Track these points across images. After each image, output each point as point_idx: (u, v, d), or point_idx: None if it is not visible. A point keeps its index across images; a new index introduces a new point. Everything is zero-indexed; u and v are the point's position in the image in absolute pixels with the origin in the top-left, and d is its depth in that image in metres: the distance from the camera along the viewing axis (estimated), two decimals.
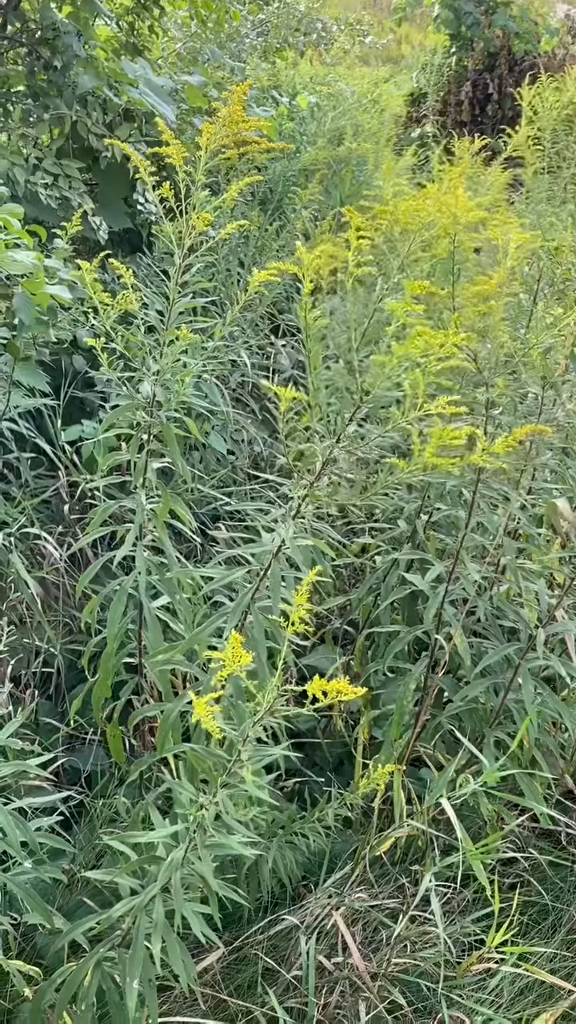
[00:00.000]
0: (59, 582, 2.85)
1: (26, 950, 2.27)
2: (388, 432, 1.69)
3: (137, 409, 1.94)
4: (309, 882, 2.49)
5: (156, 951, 1.69)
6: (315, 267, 1.68)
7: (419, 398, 1.62)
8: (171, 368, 1.87)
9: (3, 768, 1.89)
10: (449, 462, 1.66)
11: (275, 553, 1.82)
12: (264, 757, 1.65)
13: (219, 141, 1.70)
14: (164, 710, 2.04)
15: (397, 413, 1.68)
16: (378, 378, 1.68)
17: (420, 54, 11.09)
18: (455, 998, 2.00)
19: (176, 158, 1.71)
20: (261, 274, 1.77)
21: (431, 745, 2.44)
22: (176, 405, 1.90)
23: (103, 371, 1.92)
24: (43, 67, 3.63)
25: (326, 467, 1.75)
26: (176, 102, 4.02)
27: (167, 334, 1.86)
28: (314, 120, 5.29)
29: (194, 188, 1.72)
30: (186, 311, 1.88)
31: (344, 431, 1.72)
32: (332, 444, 1.75)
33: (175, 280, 1.80)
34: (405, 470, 1.68)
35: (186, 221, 1.73)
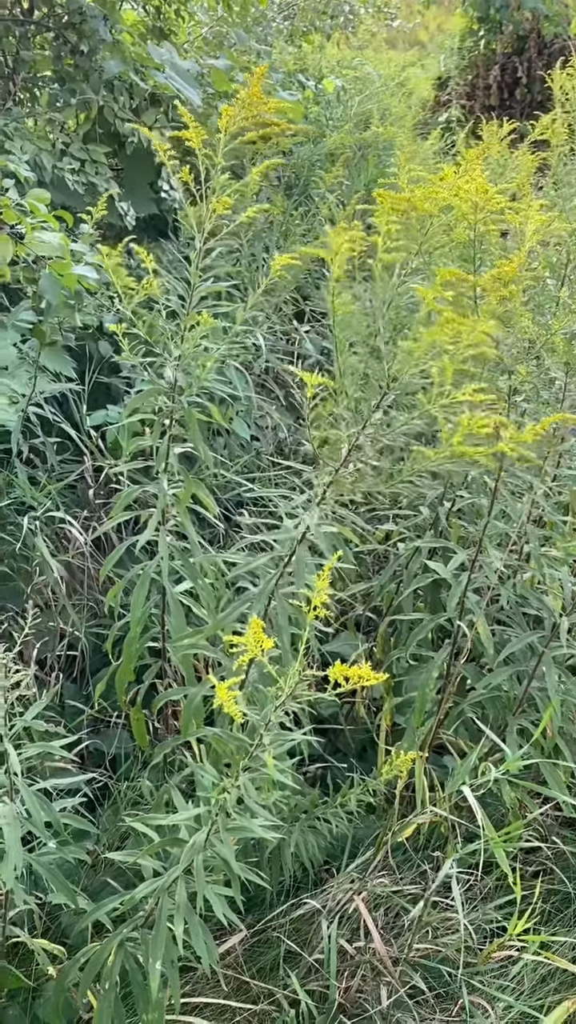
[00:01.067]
0: (84, 566, 2.87)
1: (51, 929, 2.30)
2: (415, 419, 1.68)
3: (159, 395, 1.94)
4: (331, 866, 2.50)
5: (179, 933, 1.71)
6: (345, 252, 1.67)
7: (446, 385, 1.61)
8: (192, 353, 1.87)
9: (28, 749, 1.91)
10: (477, 451, 1.65)
11: (299, 540, 1.82)
12: (286, 742, 1.66)
13: (239, 123, 1.68)
14: (187, 694, 2.05)
15: (424, 400, 1.67)
16: (405, 365, 1.67)
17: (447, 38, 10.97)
18: (476, 984, 2.01)
19: (195, 141, 1.70)
20: (283, 258, 1.76)
21: (453, 732, 2.43)
22: (197, 390, 1.89)
23: (124, 356, 1.93)
24: (70, 52, 3.63)
25: (352, 454, 1.75)
26: (202, 86, 4.01)
27: (188, 319, 1.86)
28: (340, 104, 5.25)
29: (214, 171, 1.72)
30: (208, 296, 1.88)
31: (371, 418, 1.71)
32: (358, 431, 1.75)
33: (196, 265, 1.79)
34: (432, 458, 1.67)
35: (206, 205, 1.73)
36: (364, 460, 1.73)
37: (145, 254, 1.84)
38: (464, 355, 1.65)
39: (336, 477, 1.77)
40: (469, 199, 1.73)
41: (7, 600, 2.81)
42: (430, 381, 1.68)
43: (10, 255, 2.37)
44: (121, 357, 1.96)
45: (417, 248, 1.77)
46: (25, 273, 2.59)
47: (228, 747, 1.71)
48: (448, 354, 1.66)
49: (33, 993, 2.16)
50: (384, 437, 1.71)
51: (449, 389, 1.63)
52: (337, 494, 1.78)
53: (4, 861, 1.81)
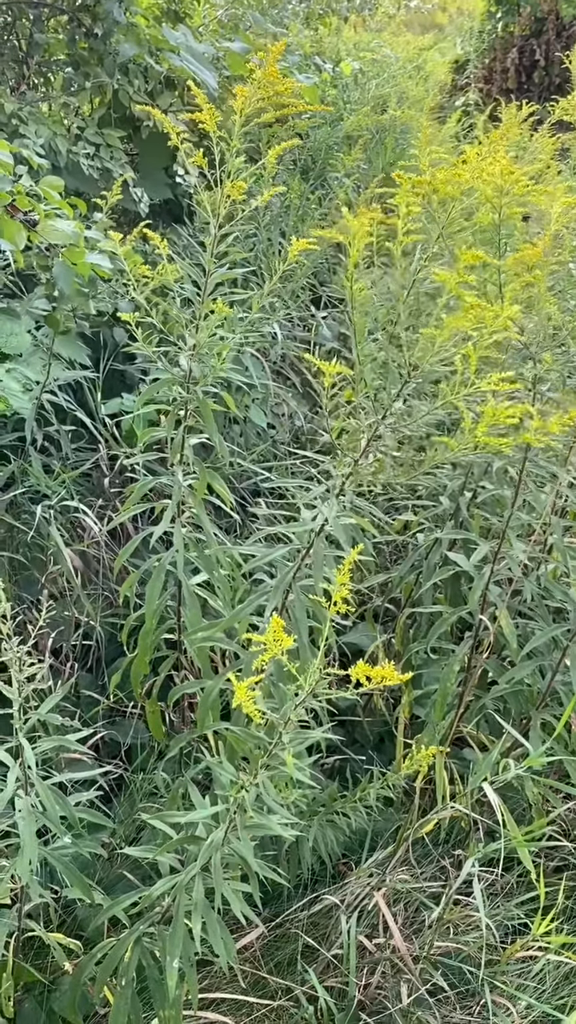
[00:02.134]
0: (99, 555, 2.84)
1: (66, 923, 2.28)
2: (437, 409, 1.63)
3: (173, 384, 1.90)
4: (349, 860, 2.47)
5: (196, 929, 1.68)
6: (363, 235, 1.62)
7: (470, 374, 1.56)
8: (207, 342, 1.82)
9: (44, 743, 1.88)
10: (502, 441, 1.60)
11: (318, 532, 1.78)
12: (306, 739, 1.63)
13: (255, 105, 1.64)
14: (204, 688, 2.02)
15: (446, 389, 1.62)
16: (427, 352, 1.62)
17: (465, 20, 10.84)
18: (497, 983, 1.98)
19: (209, 124, 1.66)
20: (300, 243, 1.71)
21: (474, 725, 2.40)
22: (213, 380, 1.85)
23: (138, 346, 1.89)
24: (84, 35, 3.58)
25: (371, 444, 1.70)
26: (218, 69, 3.95)
27: (203, 307, 1.81)
28: (358, 87, 5.18)
29: (229, 155, 1.67)
30: (224, 283, 1.84)
31: (391, 407, 1.67)
32: (378, 420, 1.70)
33: (210, 251, 1.75)
34: (455, 449, 1.62)
35: (221, 189, 1.68)
36: (384, 451, 1.68)
37: (159, 240, 1.80)
38: (487, 342, 1.60)
39: (355, 468, 1.73)
40: (493, 181, 1.68)
41: (22, 589, 2.79)
42: (451, 369, 1.63)
43: (23, 242, 2.33)
44: (134, 347, 1.92)
45: (439, 232, 1.72)
46: (39, 260, 2.55)
47: (247, 745, 1.68)
48: (471, 341, 1.62)
49: (49, 987, 2.15)
50: (405, 427, 1.66)
51: (473, 378, 1.58)
52: (356, 485, 1.73)
53: (19, 855, 1.79)
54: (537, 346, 2.01)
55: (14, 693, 1.79)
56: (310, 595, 1.84)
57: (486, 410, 1.60)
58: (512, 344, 2.07)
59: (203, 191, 1.72)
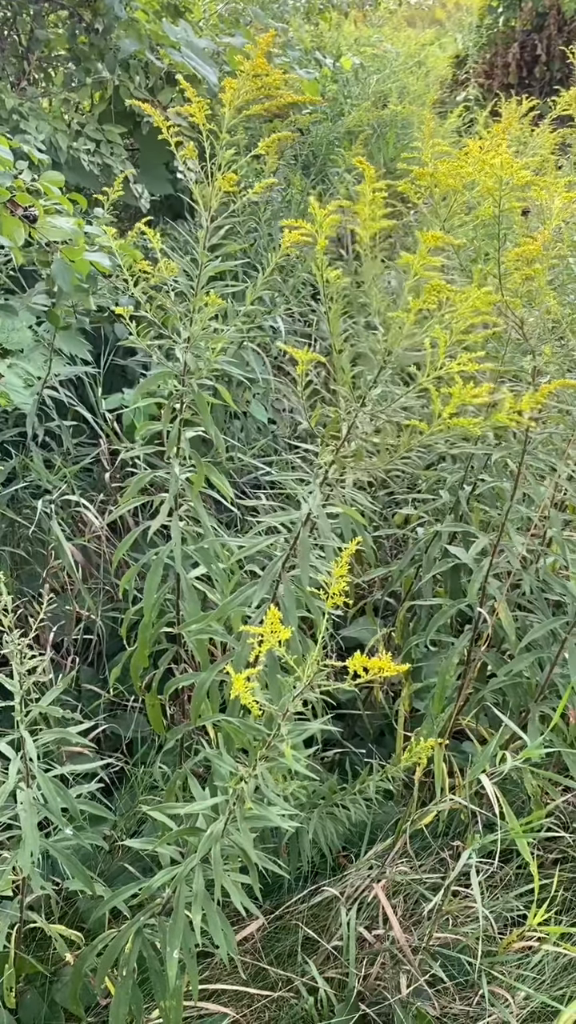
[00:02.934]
0: (100, 549, 2.85)
1: (68, 914, 2.29)
2: (410, 393, 1.64)
3: (169, 378, 1.90)
4: (349, 852, 2.48)
5: (196, 921, 1.69)
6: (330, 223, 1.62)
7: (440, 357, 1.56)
8: (201, 335, 1.83)
9: (45, 735, 1.89)
10: (471, 422, 1.61)
11: (304, 522, 1.78)
12: (304, 731, 1.63)
13: (244, 97, 1.64)
14: (198, 680, 2.03)
15: (418, 373, 1.62)
16: (397, 336, 1.62)
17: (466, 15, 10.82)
18: (495, 974, 1.98)
19: (198, 116, 1.66)
20: (292, 235, 1.71)
21: (472, 717, 2.40)
22: (209, 372, 1.86)
23: (133, 340, 1.89)
24: (84, 30, 3.59)
25: (352, 432, 1.71)
26: (219, 64, 3.95)
27: (196, 300, 1.82)
28: (358, 82, 5.18)
29: (219, 147, 1.67)
30: (219, 276, 1.84)
31: (368, 394, 1.67)
32: (356, 408, 1.70)
33: (203, 244, 1.75)
34: (427, 432, 1.62)
35: (212, 182, 1.68)
36: (364, 438, 1.69)
37: (154, 235, 1.80)
38: (461, 327, 1.60)
39: (337, 456, 1.73)
40: (494, 173, 1.68)
41: (24, 584, 2.80)
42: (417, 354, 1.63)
43: (23, 239, 2.34)
44: (130, 341, 1.92)
45: (440, 225, 1.72)
46: (39, 256, 2.56)
47: (245, 737, 1.69)
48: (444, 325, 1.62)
49: (50, 978, 2.16)
50: (382, 413, 1.66)
51: (442, 361, 1.58)
52: (341, 474, 1.73)
53: (21, 847, 1.80)
54: (537, 339, 2.02)
55: (15, 686, 1.80)
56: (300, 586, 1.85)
57: (453, 391, 1.60)
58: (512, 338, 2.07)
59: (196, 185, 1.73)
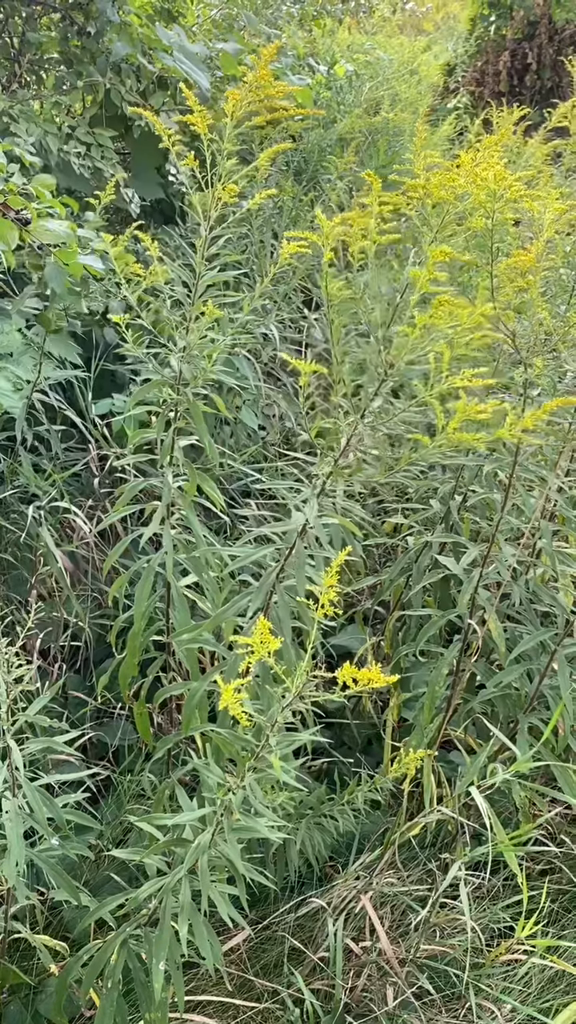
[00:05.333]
0: (88, 556, 2.84)
1: (52, 924, 2.28)
2: (412, 406, 1.63)
3: (163, 386, 1.89)
4: (336, 863, 2.47)
5: (183, 932, 1.68)
6: (335, 235, 1.62)
7: (443, 371, 1.56)
8: (198, 344, 1.82)
9: (31, 745, 1.88)
10: (474, 437, 1.60)
11: (300, 532, 1.77)
12: (293, 742, 1.63)
13: (246, 107, 1.63)
14: (189, 689, 2.02)
15: (421, 387, 1.62)
16: (401, 350, 1.62)
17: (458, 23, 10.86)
18: (483, 987, 1.98)
19: (200, 126, 1.65)
20: (291, 246, 1.71)
21: (462, 729, 2.40)
22: (203, 382, 1.85)
23: (128, 348, 1.88)
24: (76, 33, 3.58)
25: (351, 444, 1.70)
26: (211, 70, 3.95)
27: (193, 309, 1.81)
28: (352, 89, 5.18)
29: (220, 157, 1.67)
30: (215, 284, 1.83)
31: (369, 406, 1.67)
32: (357, 419, 1.70)
33: (201, 253, 1.74)
34: (430, 446, 1.62)
35: (212, 192, 1.68)
36: (364, 450, 1.68)
37: (150, 242, 1.80)
38: (464, 340, 1.60)
39: (335, 468, 1.73)
40: (487, 186, 1.68)
41: (11, 589, 2.78)
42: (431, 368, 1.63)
43: (15, 242, 2.32)
44: (125, 348, 1.91)
45: (432, 237, 1.72)
46: (31, 259, 2.54)
47: (234, 747, 1.68)
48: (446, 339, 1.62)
49: (34, 989, 2.14)
50: (383, 426, 1.66)
51: (446, 375, 1.58)
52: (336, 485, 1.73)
53: (7, 857, 1.79)
54: (528, 351, 2.02)
55: (1, 695, 1.78)
56: (294, 596, 1.84)
57: (458, 406, 1.60)
58: (503, 349, 2.07)
59: (194, 193, 1.72)
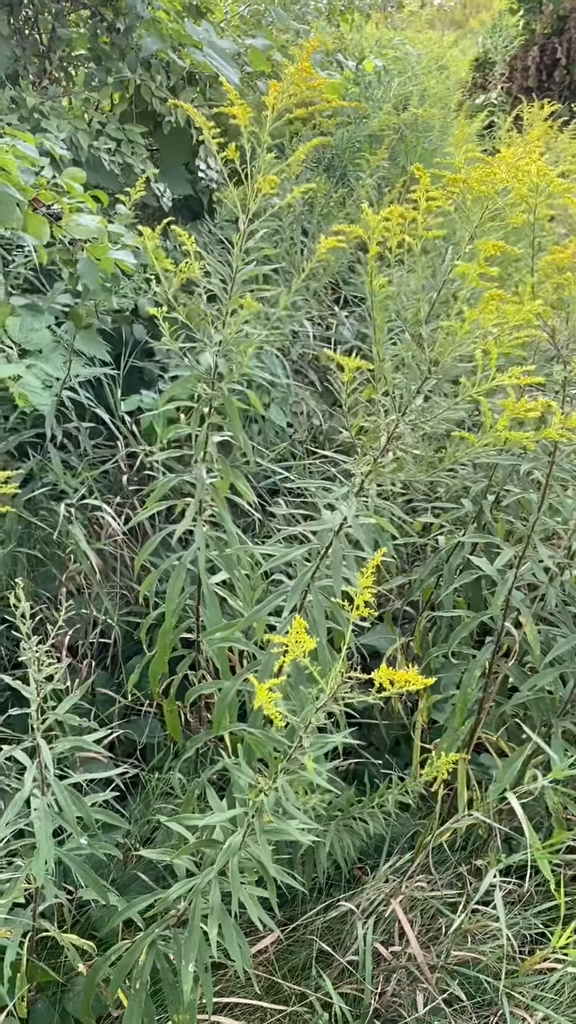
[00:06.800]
0: (116, 553, 2.83)
1: (79, 923, 2.27)
2: (458, 404, 1.60)
3: (198, 381, 1.87)
4: (365, 865, 2.45)
5: (212, 934, 1.66)
6: (381, 230, 1.59)
7: (491, 368, 1.53)
8: (233, 339, 1.80)
9: (61, 743, 1.87)
10: (523, 436, 1.57)
11: (336, 531, 1.75)
12: (326, 743, 1.60)
13: (286, 101, 1.61)
14: (222, 688, 2.00)
15: (467, 383, 1.59)
16: (447, 347, 1.59)
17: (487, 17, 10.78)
18: (514, 994, 1.95)
19: (241, 118, 1.63)
20: (328, 240, 1.69)
21: (494, 732, 2.37)
22: (238, 377, 1.83)
23: (164, 341, 1.86)
24: (106, 29, 3.57)
25: (391, 442, 1.68)
26: (239, 65, 3.93)
27: (230, 303, 1.79)
28: (381, 85, 5.15)
29: (260, 150, 1.65)
30: (249, 279, 1.81)
31: (411, 404, 1.64)
32: (398, 417, 1.67)
33: (239, 246, 1.72)
34: (476, 445, 1.59)
35: (251, 184, 1.66)
36: (405, 448, 1.65)
37: (186, 236, 1.78)
38: (509, 338, 1.57)
39: (375, 466, 1.70)
40: (529, 180, 1.65)
41: (39, 586, 2.78)
42: (472, 367, 1.60)
43: (47, 237, 2.31)
44: (160, 342, 1.90)
45: (471, 232, 1.69)
46: (61, 255, 2.53)
47: (266, 748, 1.66)
48: (492, 336, 1.59)
49: (62, 988, 2.13)
50: (426, 424, 1.63)
51: (494, 373, 1.55)
52: (376, 484, 1.70)
53: (35, 856, 1.78)
54: (567, 348, 1.98)
55: (32, 693, 1.77)
56: (329, 596, 1.82)
57: (507, 404, 1.57)
58: (540, 346, 2.04)
59: (232, 187, 1.70)
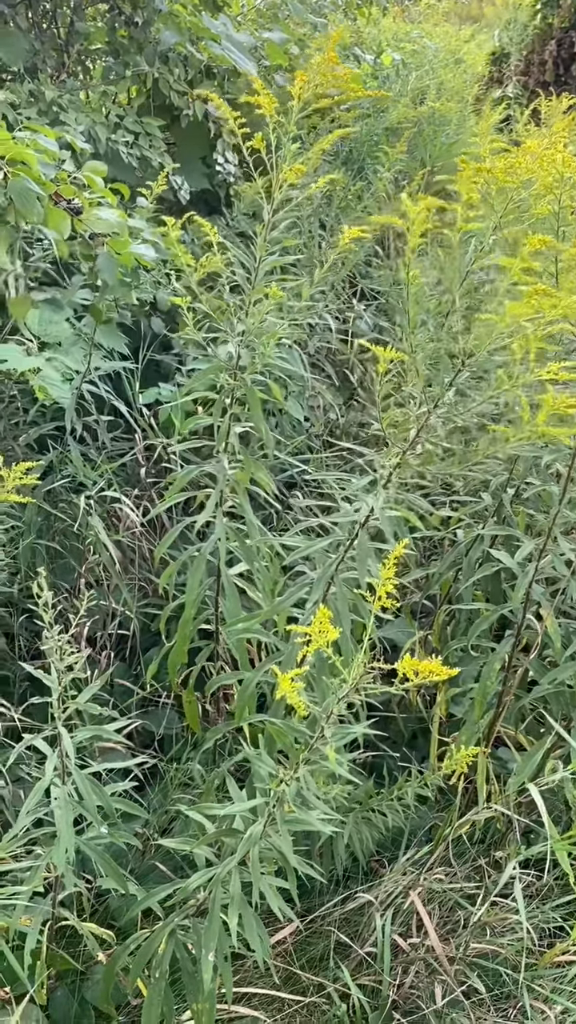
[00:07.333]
0: (134, 544, 2.83)
1: (98, 911, 2.28)
2: (494, 397, 1.60)
3: (220, 372, 1.88)
4: (382, 857, 2.45)
5: (232, 924, 1.67)
6: (422, 220, 1.59)
7: (529, 362, 1.53)
8: (256, 329, 1.80)
9: (81, 732, 1.88)
10: (561, 431, 1.57)
11: (362, 523, 1.75)
12: (347, 734, 1.61)
13: (312, 90, 1.61)
14: (243, 680, 2.00)
15: (503, 376, 1.59)
16: (484, 340, 1.59)
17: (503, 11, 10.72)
18: (534, 987, 1.95)
19: (268, 108, 1.63)
20: (352, 231, 1.68)
21: (520, 728, 2.36)
22: (263, 368, 1.83)
23: (188, 332, 1.87)
24: (124, 23, 3.57)
25: (421, 434, 1.68)
26: (256, 59, 3.92)
27: (253, 293, 1.79)
28: (399, 79, 5.13)
29: (285, 140, 1.65)
30: (272, 270, 1.81)
31: (443, 396, 1.64)
32: (429, 410, 1.67)
33: (263, 237, 1.73)
34: (512, 439, 1.60)
35: (277, 174, 1.66)
36: (435, 441, 1.65)
37: (210, 227, 1.78)
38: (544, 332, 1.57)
39: (404, 459, 1.70)
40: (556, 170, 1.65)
41: (58, 577, 2.79)
42: (503, 360, 1.60)
43: (68, 231, 2.32)
44: (184, 333, 1.90)
45: (495, 223, 1.69)
46: (82, 248, 2.54)
47: (287, 738, 1.66)
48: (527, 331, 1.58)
49: (81, 976, 2.15)
50: (458, 417, 1.63)
51: (532, 366, 1.55)
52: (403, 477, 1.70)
53: (56, 844, 1.79)
54: None
55: (54, 682, 1.78)
56: (353, 588, 1.82)
57: (546, 399, 1.57)
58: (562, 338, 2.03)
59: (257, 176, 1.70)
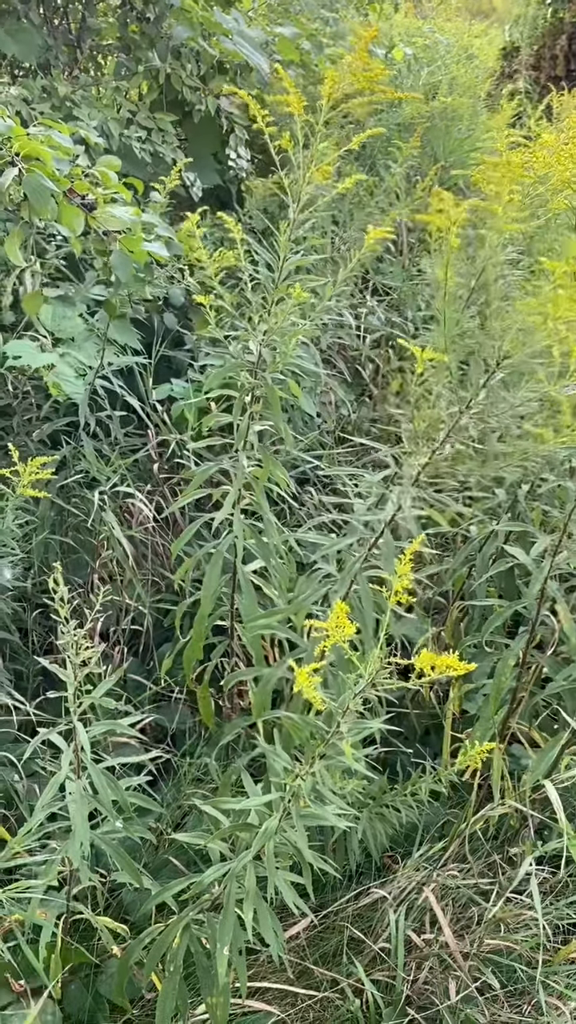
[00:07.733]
0: (147, 540, 2.84)
1: (112, 905, 2.29)
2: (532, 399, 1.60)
3: (240, 370, 1.88)
4: (395, 852, 2.45)
5: (247, 918, 1.68)
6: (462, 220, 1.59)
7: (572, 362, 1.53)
8: (279, 328, 1.80)
9: (96, 727, 1.88)
10: None
11: (388, 522, 1.75)
12: (363, 729, 1.61)
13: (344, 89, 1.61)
14: (261, 676, 2.01)
15: (543, 378, 1.59)
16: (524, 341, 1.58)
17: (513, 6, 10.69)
18: (549, 983, 1.95)
19: (296, 107, 1.63)
20: (377, 231, 1.68)
21: (527, 723, 2.36)
22: (284, 366, 1.83)
23: (209, 329, 1.87)
24: (135, 18, 3.57)
25: (451, 434, 1.67)
26: (267, 54, 3.92)
27: (276, 292, 1.79)
28: (411, 74, 5.12)
29: (313, 139, 1.65)
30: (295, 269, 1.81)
31: (476, 396, 1.64)
32: (460, 410, 1.67)
33: (287, 235, 1.73)
34: (552, 441, 1.59)
35: (303, 173, 1.66)
36: (465, 441, 1.65)
37: (234, 225, 1.78)
38: None
39: (432, 458, 1.70)
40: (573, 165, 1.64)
41: (71, 573, 2.80)
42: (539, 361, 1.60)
43: (81, 228, 2.32)
44: (206, 331, 1.90)
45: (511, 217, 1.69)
46: (95, 245, 2.54)
47: (304, 733, 1.67)
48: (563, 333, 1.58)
49: (95, 970, 2.15)
50: (492, 418, 1.63)
51: (574, 367, 1.54)
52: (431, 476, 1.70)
53: (71, 839, 1.79)
54: None
55: (69, 677, 1.79)
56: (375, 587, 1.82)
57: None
58: None
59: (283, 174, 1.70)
